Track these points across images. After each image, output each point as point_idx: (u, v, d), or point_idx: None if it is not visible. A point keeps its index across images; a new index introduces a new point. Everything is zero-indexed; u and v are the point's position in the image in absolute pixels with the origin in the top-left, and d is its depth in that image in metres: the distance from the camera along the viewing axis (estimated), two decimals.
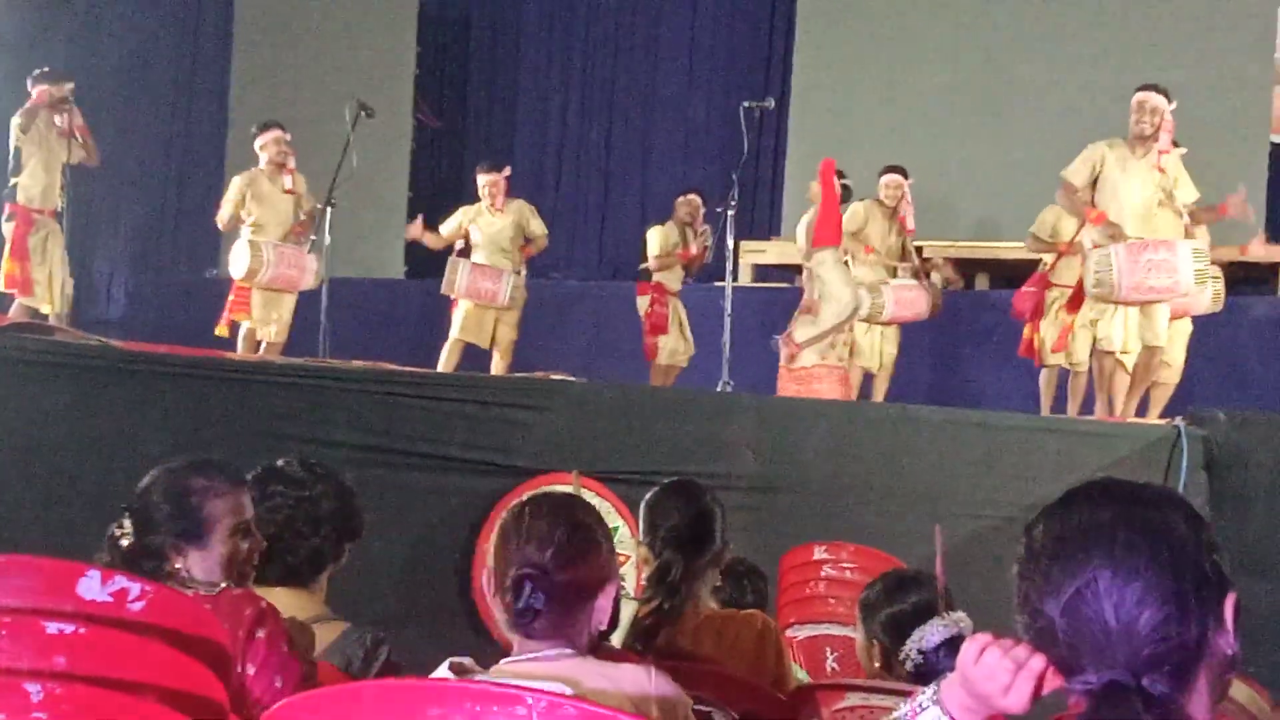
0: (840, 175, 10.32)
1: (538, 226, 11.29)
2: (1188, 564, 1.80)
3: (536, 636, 2.75)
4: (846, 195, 10.55)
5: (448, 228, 11.32)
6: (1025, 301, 10.06)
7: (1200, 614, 1.79)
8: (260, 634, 2.97)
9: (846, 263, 10.47)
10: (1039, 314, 10.08)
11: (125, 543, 3.19)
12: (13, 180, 10.41)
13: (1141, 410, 9.21)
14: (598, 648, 2.84)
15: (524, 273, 11.20)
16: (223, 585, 3.16)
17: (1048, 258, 10.14)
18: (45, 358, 7.53)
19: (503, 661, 2.76)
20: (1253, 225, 10.20)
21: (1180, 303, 8.87)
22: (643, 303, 11.56)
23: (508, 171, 11.28)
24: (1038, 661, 1.83)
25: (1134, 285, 8.51)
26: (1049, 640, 1.82)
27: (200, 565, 3.21)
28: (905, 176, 11.05)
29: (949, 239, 12.32)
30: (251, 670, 2.94)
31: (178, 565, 3.19)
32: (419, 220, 11.60)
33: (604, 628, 2.83)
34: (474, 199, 11.35)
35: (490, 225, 11.14)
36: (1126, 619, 1.77)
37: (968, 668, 1.90)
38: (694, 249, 11.46)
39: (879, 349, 10.95)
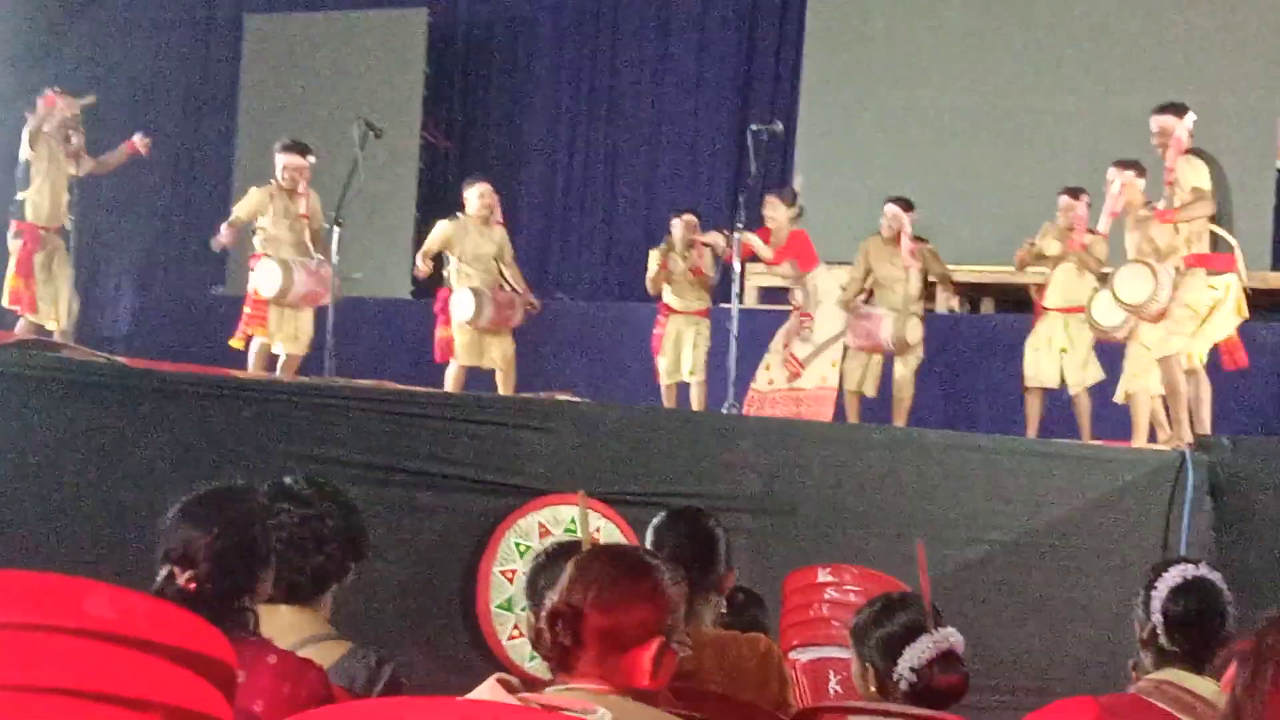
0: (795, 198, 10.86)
1: (509, 253, 10.83)
2: None
3: (572, 674, 2.77)
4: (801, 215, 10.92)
5: (434, 247, 10.63)
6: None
7: None
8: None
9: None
10: None
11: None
12: (20, 195, 10.40)
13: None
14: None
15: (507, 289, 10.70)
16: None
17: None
18: (52, 374, 7.53)
19: (549, 690, 2.77)
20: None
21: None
22: None
23: None
24: None
25: None
26: None
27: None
28: (907, 209, 10.71)
29: (955, 263, 12.32)
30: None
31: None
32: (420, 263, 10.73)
33: (643, 684, 2.78)
34: None
35: (481, 245, 10.58)
36: None
37: None
38: (670, 265, 11.14)
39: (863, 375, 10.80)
